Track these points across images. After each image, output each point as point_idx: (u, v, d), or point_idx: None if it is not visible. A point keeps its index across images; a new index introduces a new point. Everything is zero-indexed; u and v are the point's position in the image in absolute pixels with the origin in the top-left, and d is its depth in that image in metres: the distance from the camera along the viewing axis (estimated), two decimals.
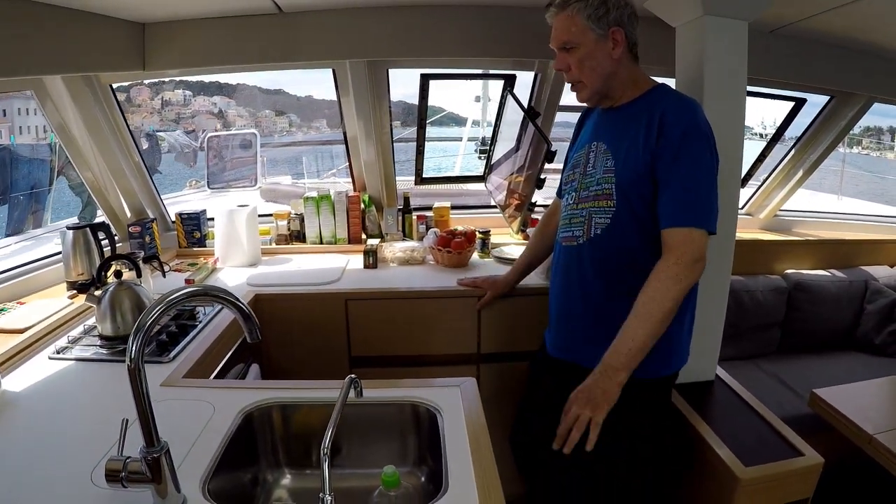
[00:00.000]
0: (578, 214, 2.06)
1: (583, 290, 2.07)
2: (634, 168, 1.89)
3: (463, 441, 1.56)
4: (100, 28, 2.74)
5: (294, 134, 46.70)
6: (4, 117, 13.14)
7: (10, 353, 2.17)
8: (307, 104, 44.73)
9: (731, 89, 2.26)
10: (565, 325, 2.18)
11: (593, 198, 2.00)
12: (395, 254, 3.34)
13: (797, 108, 3.83)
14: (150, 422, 1.26)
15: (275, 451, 1.85)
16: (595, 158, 2.04)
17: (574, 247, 2.07)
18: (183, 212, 3.69)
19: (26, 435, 1.67)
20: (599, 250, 2.00)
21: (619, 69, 1.98)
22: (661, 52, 2.48)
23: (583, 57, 1.96)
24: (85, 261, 2.92)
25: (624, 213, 1.93)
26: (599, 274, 2.01)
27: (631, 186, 1.91)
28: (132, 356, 1.22)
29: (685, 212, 1.83)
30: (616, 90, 2.02)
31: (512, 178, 3.58)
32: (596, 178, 2.00)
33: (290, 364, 2.93)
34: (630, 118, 1.97)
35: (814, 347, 3.82)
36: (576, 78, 2.01)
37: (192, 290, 1.32)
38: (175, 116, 38.74)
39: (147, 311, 1.23)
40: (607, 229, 1.96)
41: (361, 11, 3.00)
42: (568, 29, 1.95)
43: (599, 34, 1.92)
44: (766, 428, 2.23)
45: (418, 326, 2.91)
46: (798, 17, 2.79)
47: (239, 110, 43.02)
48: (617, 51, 1.94)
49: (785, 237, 4.19)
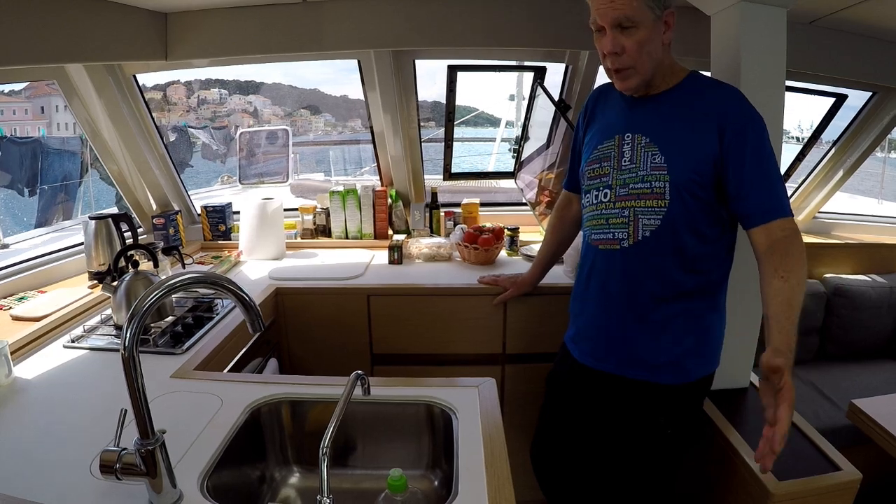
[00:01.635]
0: (618, 215, 1.92)
1: (630, 297, 1.94)
2: (696, 167, 1.79)
3: (477, 445, 1.51)
4: (122, 17, 2.74)
5: (329, 134, 47.05)
6: (43, 114, 13.32)
7: (25, 341, 2.17)
8: (342, 104, 44.96)
9: (770, 79, 2.14)
10: (610, 333, 2.03)
11: (638, 196, 1.87)
12: (421, 250, 3.29)
13: (838, 105, 3.71)
14: (144, 413, 1.22)
15: (283, 448, 1.81)
16: (633, 152, 1.90)
17: (617, 251, 1.93)
18: (208, 204, 3.68)
19: (33, 422, 1.67)
20: (649, 253, 1.88)
21: (666, 55, 1.86)
22: (691, 43, 2.44)
23: (643, 39, 1.77)
24: (107, 251, 2.91)
25: (678, 213, 1.82)
26: (649, 277, 1.90)
27: (690, 186, 1.80)
28: (126, 344, 1.19)
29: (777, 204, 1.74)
30: (658, 78, 1.89)
31: (543, 174, 3.51)
32: (640, 175, 1.86)
33: (310, 360, 2.90)
34: (673, 109, 1.86)
35: (853, 355, 3.70)
36: (629, 63, 1.82)
37: (195, 277, 1.26)
38: (211, 115, 39.12)
39: (143, 296, 1.18)
40: (658, 230, 1.84)
41: (385, 0, 2.96)
42: (630, 3, 1.74)
43: (657, 15, 1.76)
44: (803, 439, 2.13)
45: (442, 324, 2.85)
46: (839, 7, 2.68)
47: (275, 109, 43.32)
48: (668, 35, 1.81)
49: (824, 240, 4.07)
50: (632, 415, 1.96)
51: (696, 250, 1.84)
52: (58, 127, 13.83)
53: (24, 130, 12.86)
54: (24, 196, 7.58)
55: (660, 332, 1.90)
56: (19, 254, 3.83)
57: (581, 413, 2.15)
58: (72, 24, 2.46)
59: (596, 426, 2.09)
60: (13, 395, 1.83)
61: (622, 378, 1.96)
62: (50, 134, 12.70)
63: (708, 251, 1.85)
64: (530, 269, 2.69)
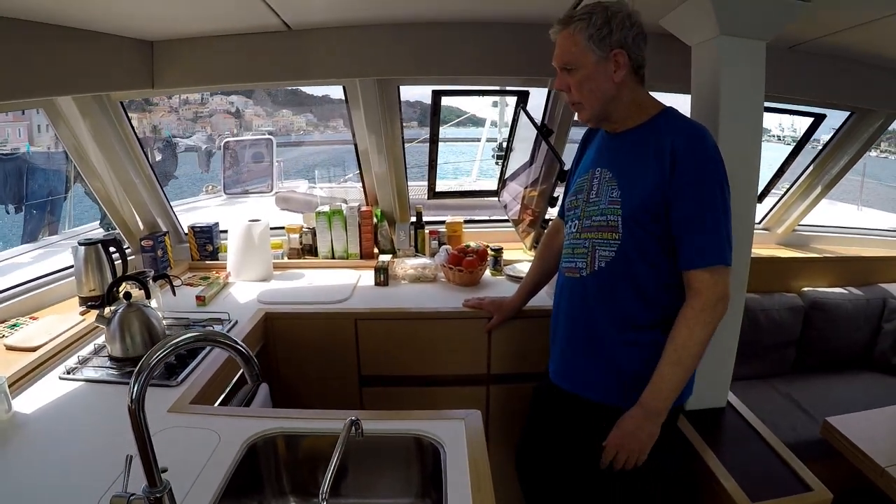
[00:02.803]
0: (581, 245, 2.02)
1: (586, 322, 2.04)
2: (643, 203, 1.86)
3: (464, 477, 1.56)
4: (108, 47, 2.76)
5: (311, 133, 46.93)
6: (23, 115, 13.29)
7: (22, 373, 2.20)
8: (323, 104, 44.87)
9: (748, 110, 2.21)
10: (568, 355, 2.16)
11: (597, 228, 1.96)
12: (407, 271, 3.34)
13: (816, 124, 3.80)
14: (152, 464, 1.27)
15: (279, 479, 1.85)
16: (599, 186, 1.99)
17: (577, 279, 2.04)
18: (195, 225, 3.71)
19: (36, 461, 1.70)
20: (604, 284, 1.97)
21: (622, 92, 1.91)
22: (678, 69, 2.46)
23: (582, 79, 1.89)
24: (97, 276, 2.94)
25: (630, 246, 1.90)
26: (604, 306, 1.98)
27: (639, 221, 1.87)
28: (133, 397, 1.23)
29: (706, 252, 1.83)
30: (618, 113, 1.96)
31: (526, 192, 3.55)
32: (600, 208, 1.95)
33: (300, 383, 2.93)
34: (636, 146, 1.93)
35: (830, 367, 3.76)
36: (575, 99, 1.96)
37: (196, 336, 1.33)
38: (192, 115, 38.98)
39: (150, 354, 1.24)
40: (612, 262, 1.93)
41: (371, 29, 2.99)
42: (569, 49, 1.89)
43: (600, 56, 1.85)
44: (776, 460, 2.18)
45: (428, 347, 2.90)
46: (818, 34, 2.75)
47: (256, 109, 43.21)
48: (619, 73, 1.87)
49: (802, 254, 4.12)
50: (593, 435, 2.01)
51: (651, 283, 1.92)
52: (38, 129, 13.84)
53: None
54: (9, 213, 7.57)
55: (612, 359, 1.99)
56: (7, 272, 3.87)
57: (556, 429, 2.24)
58: (60, 58, 2.48)
59: (569, 443, 2.17)
60: (14, 430, 1.86)
61: (582, 399, 2.06)
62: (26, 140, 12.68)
63: (666, 283, 1.92)
64: (515, 294, 2.75)
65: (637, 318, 1.94)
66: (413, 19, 2.94)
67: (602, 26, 1.83)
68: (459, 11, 2.83)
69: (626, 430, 1.90)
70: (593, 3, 1.89)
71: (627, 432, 1.90)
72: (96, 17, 2.47)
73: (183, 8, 2.54)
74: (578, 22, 1.86)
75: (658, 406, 1.88)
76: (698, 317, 1.83)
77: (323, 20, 2.90)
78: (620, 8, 1.86)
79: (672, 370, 1.86)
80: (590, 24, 1.84)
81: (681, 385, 1.88)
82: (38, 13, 2.23)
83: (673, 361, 1.85)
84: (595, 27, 1.83)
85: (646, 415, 1.89)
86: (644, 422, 1.89)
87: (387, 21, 2.95)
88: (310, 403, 2.49)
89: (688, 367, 1.86)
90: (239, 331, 2.65)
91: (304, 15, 2.77)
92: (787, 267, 3.93)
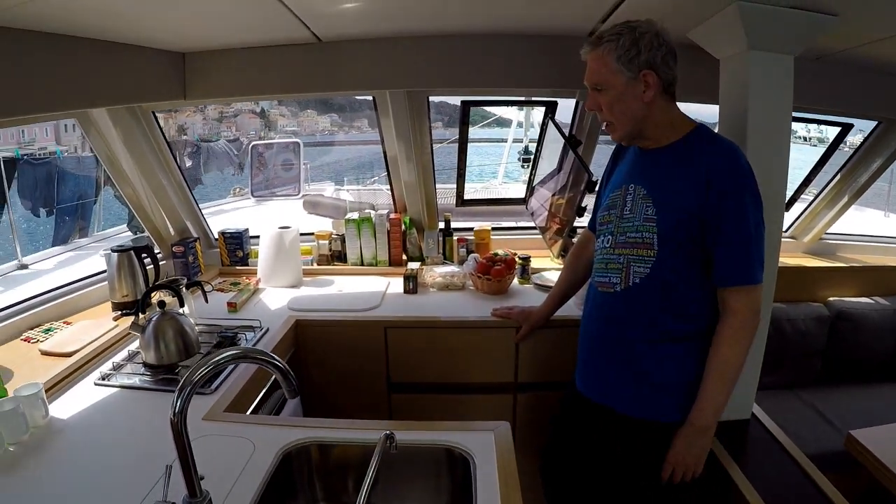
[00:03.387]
0: (615, 260, 2.03)
1: (620, 337, 2.05)
2: (679, 221, 1.87)
3: (494, 489, 1.58)
4: (142, 59, 2.81)
5: (335, 134, 46.97)
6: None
7: (57, 378, 2.24)
8: (348, 105, 44.88)
9: (776, 123, 2.21)
10: (599, 367, 2.16)
11: (632, 245, 1.97)
12: (436, 279, 3.36)
13: (844, 133, 3.79)
14: (192, 475, 1.30)
15: (311, 486, 1.88)
16: (633, 203, 1.99)
17: (611, 294, 2.04)
18: (226, 230, 3.76)
19: (74, 467, 1.74)
20: (638, 299, 1.98)
21: (653, 112, 1.92)
22: (705, 81, 2.45)
23: (612, 99, 1.91)
24: (129, 282, 2.98)
25: (665, 263, 1.91)
26: (637, 321, 2.00)
27: (674, 239, 1.89)
28: (176, 410, 1.27)
29: (740, 271, 1.85)
30: (650, 132, 1.97)
31: (553, 199, 3.58)
32: (635, 225, 1.96)
33: (330, 389, 2.96)
34: (670, 164, 1.94)
35: (855, 378, 3.71)
36: (606, 119, 1.98)
37: (236, 354, 1.36)
38: (218, 115, 39.08)
39: (193, 371, 1.28)
40: (647, 278, 1.94)
41: (400, 41, 3.01)
42: (598, 70, 1.91)
43: (630, 76, 1.86)
44: (799, 472, 2.19)
45: (457, 354, 2.92)
46: (845, 46, 2.74)
47: (281, 110, 43.28)
48: (648, 94, 1.88)
49: (829, 263, 4.10)
50: (620, 447, 2.07)
51: (684, 299, 1.94)
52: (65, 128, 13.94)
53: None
54: (41, 216, 7.65)
55: (644, 372, 2.00)
56: (39, 275, 3.93)
57: (581, 439, 2.26)
58: (95, 70, 2.52)
59: (598, 455, 2.19)
60: (51, 436, 1.90)
61: (610, 410, 2.07)
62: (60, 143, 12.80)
63: (698, 297, 1.94)
64: (543, 304, 2.76)
65: (671, 332, 1.96)
66: (442, 32, 2.96)
67: (630, 47, 1.84)
68: (488, 24, 2.85)
69: (679, 448, 1.94)
70: (622, 24, 1.90)
71: (681, 450, 1.94)
72: (130, 31, 2.52)
73: (215, 21, 2.58)
74: (608, 43, 1.87)
75: (707, 422, 1.92)
76: (736, 335, 1.88)
77: (353, 32, 2.93)
78: (649, 28, 1.86)
79: (716, 387, 1.90)
80: (618, 46, 1.85)
81: (726, 400, 1.91)
82: (73, 27, 2.28)
83: (716, 379, 1.89)
84: (623, 48, 1.84)
85: (696, 431, 1.93)
86: (695, 438, 1.93)
87: (416, 33, 2.98)
88: (339, 410, 2.52)
89: (731, 382, 1.90)
90: (270, 338, 2.69)
91: (334, 28, 2.80)
92: (813, 276, 3.88)
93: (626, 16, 2.08)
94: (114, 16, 2.22)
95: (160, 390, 2.22)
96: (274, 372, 1.40)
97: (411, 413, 2.91)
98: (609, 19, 2.52)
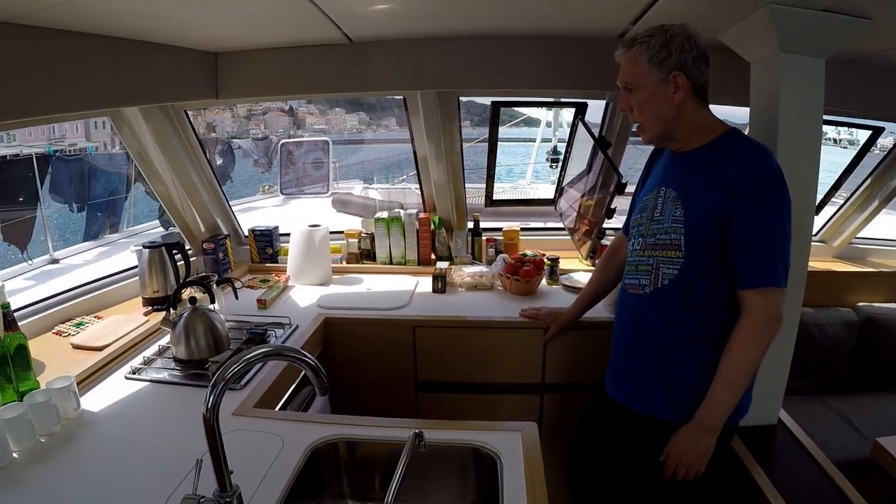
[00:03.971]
0: (645, 262, 2.04)
1: (649, 338, 2.06)
2: (706, 222, 1.88)
3: (520, 489, 1.59)
4: (175, 59, 2.84)
5: (363, 132, 47.11)
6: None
7: (89, 372, 2.28)
8: (378, 103, 44.97)
9: (807, 126, 2.20)
10: (629, 371, 2.17)
11: (661, 247, 1.98)
12: (464, 279, 3.36)
13: (875, 136, 3.74)
14: (223, 469, 1.32)
15: (339, 482, 1.90)
16: (663, 205, 2.00)
17: (640, 296, 2.06)
18: (256, 228, 3.79)
19: (104, 459, 1.77)
20: (667, 301, 1.99)
21: (683, 114, 1.93)
22: (736, 83, 2.43)
23: (643, 100, 1.93)
24: (160, 278, 3.02)
25: (692, 264, 1.92)
26: (666, 323, 2.00)
27: (700, 240, 1.89)
28: (209, 405, 1.28)
29: (760, 274, 1.85)
30: (681, 134, 1.98)
31: (582, 201, 3.57)
32: (664, 227, 1.97)
33: (358, 387, 2.97)
34: (700, 167, 1.94)
35: (884, 384, 3.65)
36: (637, 120, 2.00)
37: (268, 351, 1.39)
38: (247, 113, 39.29)
39: (225, 367, 1.30)
40: (675, 280, 1.95)
41: (431, 42, 3.02)
42: (630, 70, 1.93)
43: (660, 78, 1.88)
44: (825, 479, 2.18)
45: (485, 354, 2.93)
46: (877, 49, 2.71)
47: (309, 108, 43.45)
48: (678, 95, 1.89)
49: (858, 267, 4.04)
50: (645, 449, 2.04)
51: (711, 301, 1.94)
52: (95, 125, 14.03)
53: None
54: (73, 212, 7.74)
55: (670, 374, 2.01)
56: (70, 270, 3.98)
57: (610, 443, 2.25)
58: (129, 70, 2.56)
59: (622, 458, 2.19)
60: (82, 428, 1.93)
61: (635, 412, 2.09)
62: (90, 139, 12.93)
63: (725, 301, 1.92)
64: (572, 305, 2.76)
65: (696, 336, 1.96)
66: (473, 33, 2.97)
67: (661, 49, 1.86)
68: (519, 25, 2.85)
69: (683, 446, 1.93)
70: (655, 27, 1.91)
71: (685, 447, 1.93)
72: (163, 31, 2.56)
73: (248, 22, 2.60)
74: (640, 45, 1.89)
75: (712, 422, 1.91)
76: (749, 337, 1.86)
77: (384, 33, 2.94)
78: (680, 31, 1.87)
79: (724, 388, 1.89)
80: (650, 47, 1.87)
81: (734, 401, 1.90)
82: (108, 28, 2.31)
83: (726, 380, 1.88)
84: (654, 50, 1.86)
85: (701, 430, 1.91)
86: (700, 437, 1.91)
87: (447, 34, 2.99)
88: (367, 407, 2.53)
89: (740, 385, 1.89)
90: (299, 335, 2.71)
91: (365, 28, 2.82)
92: (842, 281, 3.85)
93: (657, 17, 2.09)
94: (148, 17, 2.25)
95: (190, 385, 2.25)
96: (306, 369, 1.41)
97: (438, 412, 2.91)
98: (640, 21, 2.51)
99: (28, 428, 1.81)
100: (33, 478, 1.67)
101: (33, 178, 6.51)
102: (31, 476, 1.68)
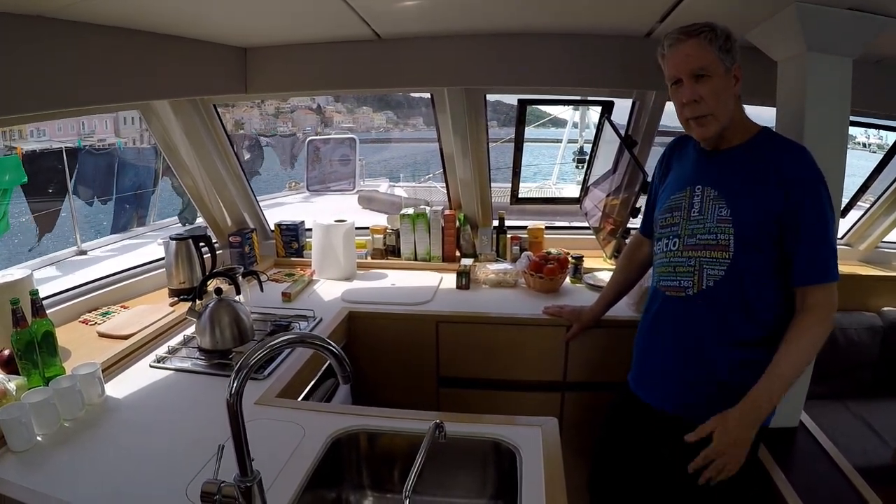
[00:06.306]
0: (685, 264, 1.99)
1: (693, 342, 2.00)
2: (758, 222, 1.85)
3: (539, 483, 1.58)
4: (205, 54, 2.88)
5: (391, 131, 47.25)
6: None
7: (114, 359, 2.31)
8: (405, 101, 45.07)
9: (834, 126, 2.18)
10: (671, 378, 2.10)
11: (703, 247, 1.94)
12: (488, 276, 3.37)
13: None
14: (245, 454, 1.33)
15: (359, 473, 1.91)
16: (702, 204, 1.96)
17: (682, 298, 2.01)
18: (282, 222, 3.82)
19: (127, 444, 1.80)
20: (712, 302, 1.94)
21: (737, 107, 1.92)
22: (761, 83, 2.38)
23: (717, 87, 1.85)
24: (186, 270, 3.06)
25: (742, 265, 1.88)
26: (711, 325, 1.96)
27: (753, 240, 1.86)
28: (232, 391, 1.30)
29: (822, 269, 1.83)
30: (730, 130, 1.94)
31: (608, 200, 3.56)
32: (707, 227, 1.93)
33: (380, 380, 2.99)
34: (741, 165, 1.91)
35: None
36: (708, 110, 1.88)
37: (291, 338, 1.41)
38: (274, 111, 39.59)
39: (250, 353, 1.31)
40: (721, 281, 1.91)
41: (459, 39, 3.03)
42: (702, 55, 1.84)
43: (726, 67, 1.85)
44: (845, 483, 2.15)
45: (507, 351, 2.93)
46: None
47: (337, 106, 43.64)
48: (737, 88, 1.88)
49: (884, 272, 3.99)
50: (677, 451, 1.98)
51: (759, 302, 1.90)
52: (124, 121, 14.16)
53: None
54: (101, 204, 7.84)
55: (715, 376, 1.95)
56: (97, 261, 4.02)
57: (640, 450, 2.21)
58: (160, 64, 2.60)
59: (653, 464, 2.14)
60: (106, 414, 1.96)
61: (681, 419, 1.99)
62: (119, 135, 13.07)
63: (771, 303, 1.90)
64: (595, 304, 2.74)
65: (745, 337, 1.92)
66: (501, 30, 2.96)
67: (726, 39, 1.83)
68: (546, 23, 2.85)
69: (734, 434, 1.84)
70: (703, 23, 1.87)
71: (733, 437, 1.83)
72: (194, 26, 2.59)
73: (277, 18, 2.63)
74: (706, 33, 1.84)
75: (766, 405, 1.84)
76: (813, 329, 1.83)
77: (413, 30, 2.95)
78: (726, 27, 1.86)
79: (788, 370, 1.83)
80: (717, 36, 1.83)
81: (785, 391, 1.85)
82: (140, 23, 2.35)
83: (790, 363, 1.82)
84: (722, 39, 1.83)
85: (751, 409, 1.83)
86: (747, 415, 1.83)
87: (475, 31, 2.99)
88: (388, 401, 2.53)
89: (798, 373, 1.85)
90: (323, 328, 2.73)
91: (394, 25, 2.83)
92: (867, 285, 3.80)
93: (685, 15, 2.07)
94: (180, 12, 2.28)
95: (214, 374, 2.27)
96: (329, 357, 1.42)
97: (459, 407, 2.86)
98: (667, 19, 2.50)
99: (53, 412, 1.84)
100: (56, 461, 1.70)
101: (62, 171, 6.60)
102: (53, 459, 1.70)
